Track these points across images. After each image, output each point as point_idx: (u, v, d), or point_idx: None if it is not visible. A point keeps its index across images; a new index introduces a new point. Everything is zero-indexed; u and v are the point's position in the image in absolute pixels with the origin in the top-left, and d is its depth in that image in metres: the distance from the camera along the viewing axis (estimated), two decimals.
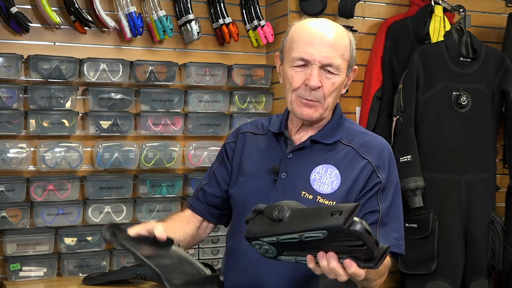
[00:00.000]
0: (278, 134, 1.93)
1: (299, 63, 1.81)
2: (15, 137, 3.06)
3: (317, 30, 1.82)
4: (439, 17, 3.50)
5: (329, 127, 1.90)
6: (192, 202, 2.05)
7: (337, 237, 1.41)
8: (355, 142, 1.88)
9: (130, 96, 3.24)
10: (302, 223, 1.44)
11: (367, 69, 3.60)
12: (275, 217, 1.49)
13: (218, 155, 2.07)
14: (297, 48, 1.81)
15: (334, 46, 1.81)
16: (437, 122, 3.38)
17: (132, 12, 3.18)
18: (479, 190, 3.40)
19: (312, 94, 1.80)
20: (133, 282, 2.92)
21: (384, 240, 1.77)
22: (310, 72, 1.79)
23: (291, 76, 1.82)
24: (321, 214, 1.42)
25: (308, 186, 1.82)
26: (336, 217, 1.38)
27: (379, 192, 1.83)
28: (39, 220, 3.05)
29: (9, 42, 3.10)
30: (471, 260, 3.36)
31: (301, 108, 1.83)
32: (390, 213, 1.85)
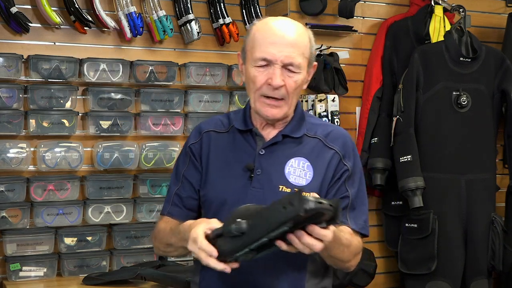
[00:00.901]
0: (244, 131, 1.94)
1: (262, 63, 1.83)
2: (15, 137, 3.06)
3: (278, 29, 1.83)
4: (439, 17, 3.50)
5: (295, 121, 1.94)
6: (169, 209, 1.99)
7: (299, 221, 1.49)
8: (319, 134, 1.93)
9: (130, 96, 3.24)
10: (264, 226, 1.50)
11: (367, 69, 3.60)
12: (236, 233, 1.54)
13: (182, 157, 2.02)
14: (259, 48, 1.82)
15: (295, 45, 1.83)
16: (437, 122, 3.38)
17: (132, 12, 3.18)
18: (479, 190, 3.40)
19: (276, 92, 1.83)
20: (133, 282, 2.92)
21: (355, 223, 1.88)
22: (273, 71, 1.81)
23: (254, 76, 1.84)
24: (276, 212, 1.48)
25: (284, 180, 1.86)
26: (291, 209, 1.45)
27: (347, 179, 1.91)
28: (39, 220, 3.05)
29: (9, 42, 3.10)
30: (471, 260, 3.36)
31: (266, 109, 1.85)
32: (358, 198, 1.93)
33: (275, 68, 1.81)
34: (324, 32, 3.46)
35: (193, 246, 1.64)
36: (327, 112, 3.36)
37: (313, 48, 1.90)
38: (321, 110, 3.36)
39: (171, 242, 1.87)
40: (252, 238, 1.52)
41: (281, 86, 1.82)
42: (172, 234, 1.87)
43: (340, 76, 3.45)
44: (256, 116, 1.92)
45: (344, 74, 3.46)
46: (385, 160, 3.43)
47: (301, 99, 3.42)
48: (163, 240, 1.93)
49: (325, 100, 3.36)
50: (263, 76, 1.82)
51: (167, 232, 1.91)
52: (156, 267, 3.02)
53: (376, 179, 3.44)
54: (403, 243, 3.41)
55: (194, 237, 1.64)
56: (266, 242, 1.53)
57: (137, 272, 2.90)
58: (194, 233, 1.65)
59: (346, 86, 3.47)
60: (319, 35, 3.46)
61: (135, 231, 3.22)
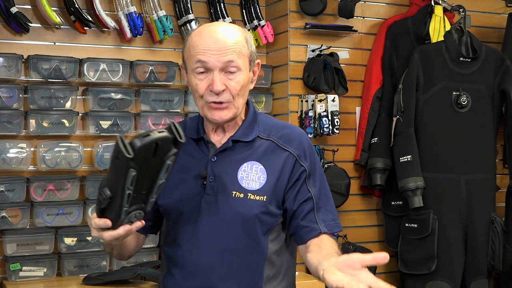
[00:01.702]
0: (197, 140, 1.92)
1: (200, 70, 1.82)
2: (15, 137, 3.06)
3: (210, 35, 1.82)
4: (439, 17, 3.50)
5: (246, 124, 1.92)
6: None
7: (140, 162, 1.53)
8: (273, 135, 1.92)
9: (130, 96, 3.24)
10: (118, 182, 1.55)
11: (367, 69, 3.61)
12: (106, 201, 1.60)
13: None
14: (195, 56, 1.81)
15: (229, 47, 1.82)
16: (437, 122, 3.38)
17: (132, 12, 3.18)
18: (479, 190, 3.40)
19: (220, 97, 1.82)
20: (133, 282, 2.92)
21: (323, 223, 1.87)
22: (212, 77, 1.81)
23: (195, 85, 1.83)
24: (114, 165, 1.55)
25: (237, 185, 1.86)
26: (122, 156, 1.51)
27: (306, 179, 1.90)
28: (39, 220, 3.05)
29: (9, 42, 3.10)
30: (471, 260, 3.36)
31: (212, 112, 1.84)
32: (321, 196, 1.92)
33: (214, 73, 1.80)
34: (324, 32, 3.47)
35: (94, 231, 1.70)
36: (327, 112, 3.36)
37: (251, 46, 1.88)
38: (321, 110, 3.36)
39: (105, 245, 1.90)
40: (120, 196, 1.57)
41: (223, 91, 1.81)
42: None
43: (340, 76, 3.46)
44: (207, 122, 1.91)
45: (344, 74, 3.46)
46: (385, 160, 3.43)
47: (301, 99, 3.43)
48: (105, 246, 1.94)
49: (325, 100, 3.36)
50: (204, 83, 1.81)
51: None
52: (156, 267, 3.02)
53: (376, 179, 3.44)
54: (403, 243, 3.41)
55: (89, 224, 1.70)
56: (134, 195, 1.57)
57: (137, 272, 2.90)
58: (88, 222, 1.71)
59: (346, 86, 3.47)
60: (319, 35, 3.47)
61: None
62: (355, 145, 3.58)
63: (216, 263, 1.85)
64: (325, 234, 1.87)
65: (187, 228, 1.86)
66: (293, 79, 3.44)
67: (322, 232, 1.87)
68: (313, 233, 1.87)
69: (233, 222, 1.84)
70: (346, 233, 3.48)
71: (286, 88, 3.45)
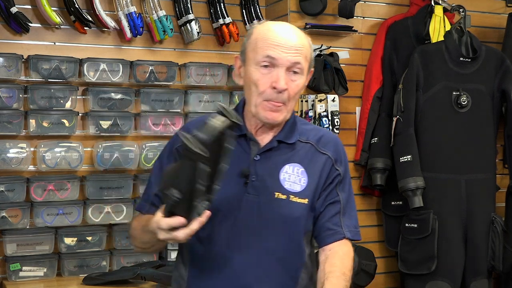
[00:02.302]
0: (239, 136, 1.89)
1: (266, 62, 1.80)
2: (15, 137, 3.06)
3: (282, 32, 1.83)
4: (439, 17, 3.50)
5: (288, 126, 1.93)
6: (147, 208, 1.93)
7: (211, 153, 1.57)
8: (311, 139, 1.93)
9: (130, 96, 3.24)
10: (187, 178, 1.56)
11: (367, 69, 3.60)
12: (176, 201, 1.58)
13: (166, 158, 1.96)
14: (264, 49, 1.81)
15: (299, 48, 1.83)
16: (437, 122, 3.38)
17: (132, 12, 3.18)
18: (479, 190, 3.40)
19: (279, 96, 1.81)
20: (133, 282, 2.92)
21: (347, 228, 1.90)
22: (277, 74, 1.80)
23: (257, 79, 1.81)
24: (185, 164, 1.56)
25: (280, 186, 1.86)
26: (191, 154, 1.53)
27: (338, 184, 1.93)
28: (39, 220, 3.05)
29: (9, 42, 3.10)
30: (471, 260, 3.36)
31: (267, 112, 1.83)
32: (348, 203, 1.95)
33: (279, 70, 1.80)
34: (324, 32, 3.46)
35: (161, 234, 1.65)
36: (327, 112, 3.35)
37: (312, 53, 1.90)
38: (321, 110, 3.36)
39: (146, 240, 1.85)
40: (190, 192, 1.57)
41: (285, 90, 1.80)
42: (144, 232, 1.83)
43: (340, 76, 3.46)
44: (251, 120, 1.90)
45: (344, 74, 3.46)
46: (385, 160, 3.43)
47: (301, 99, 3.42)
48: (137, 238, 1.90)
49: (325, 100, 3.36)
50: (267, 79, 1.80)
51: (139, 230, 1.88)
52: (156, 267, 3.02)
53: (376, 179, 3.44)
54: (403, 243, 3.41)
55: (157, 226, 1.64)
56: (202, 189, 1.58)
57: (137, 272, 2.90)
58: (155, 223, 1.65)
59: (346, 86, 3.47)
60: (319, 35, 3.47)
61: None
62: (355, 145, 3.58)
63: (254, 264, 1.83)
64: (347, 239, 1.90)
65: (225, 226, 1.83)
66: None
67: (346, 237, 1.89)
68: (336, 236, 1.89)
69: (275, 224, 1.84)
70: None
71: None
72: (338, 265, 1.84)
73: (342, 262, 1.85)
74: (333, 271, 1.81)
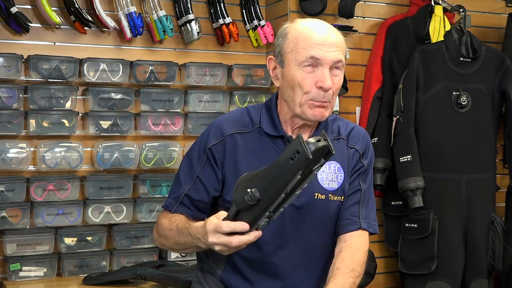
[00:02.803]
0: (274, 136, 1.91)
1: (309, 62, 1.81)
2: (15, 137, 3.06)
3: (322, 31, 1.84)
4: (439, 17, 3.50)
5: (323, 125, 1.94)
6: (177, 207, 1.93)
7: (309, 165, 1.53)
8: (342, 133, 1.96)
9: (130, 96, 3.24)
10: (278, 183, 1.53)
11: (367, 69, 3.60)
12: (252, 202, 1.54)
13: (196, 156, 1.94)
14: (306, 49, 1.81)
15: (339, 45, 1.86)
16: (437, 122, 3.38)
17: (132, 12, 3.18)
18: (479, 190, 3.40)
19: (326, 95, 1.82)
20: (133, 282, 2.92)
21: (364, 219, 1.92)
22: (321, 73, 1.81)
23: (301, 79, 1.81)
24: (286, 166, 1.52)
25: (318, 186, 1.88)
26: (299, 157, 1.49)
27: (361, 174, 1.95)
28: (39, 220, 3.05)
29: (9, 42, 3.10)
30: (471, 260, 3.36)
31: (314, 110, 1.83)
32: (368, 194, 1.98)
33: (323, 69, 1.81)
34: None
35: (215, 237, 1.61)
36: None
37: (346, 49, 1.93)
38: None
39: (181, 242, 1.83)
40: (271, 199, 1.53)
41: (330, 88, 1.82)
42: (181, 234, 1.81)
43: None
44: (288, 121, 1.90)
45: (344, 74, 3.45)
46: (385, 160, 3.43)
47: None
48: (170, 238, 1.88)
49: None
50: (311, 79, 1.81)
51: (174, 231, 1.85)
52: (156, 267, 3.02)
53: (376, 179, 3.44)
54: (403, 243, 3.41)
55: (214, 228, 1.61)
56: (281, 201, 1.55)
57: (137, 272, 2.90)
58: (211, 225, 1.62)
59: (346, 86, 3.47)
60: None
61: (135, 231, 3.22)
62: None
63: (301, 264, 1.85)
64: (364, 230, 1.91)
65: (269, 230, 1.80)
66: None
67: (362, 228, 1.90)
68: (352, 226, 1.90)
69: (317, 224, 1.86)
70: None
71: None
72: (348, 260, 1.84)
73: (352, 257, 1.85)
74: (341, 267, 1.82)
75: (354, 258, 1.85)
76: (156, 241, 1.99)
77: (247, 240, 1.60)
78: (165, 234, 1.90)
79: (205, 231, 1.65)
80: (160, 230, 1.93)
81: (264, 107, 1.95)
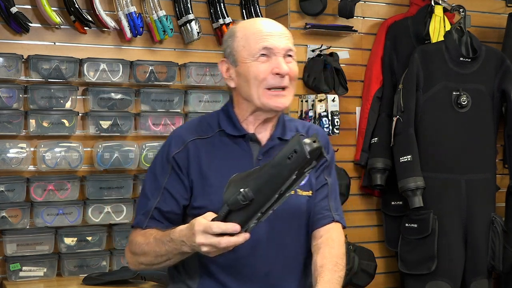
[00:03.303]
0: (236, 137, 1.89)
1: (263, 52, 1.83)
2: (15, 137, 3.06)
3: (268, 23, 1.89)
4: (439, 17, 3.50)
5: (281, 122, 1.95)
6: (148, 223, 1.86)
7: (304, 165, 1.52)
8: (301, 131, 1.97)
9: (130, 96, 3.24)
10: (273, 183, 1.51)
11: (367, 69, 3.60)
12: (245, 202, 1.52)
13: (160, 167, 1.89)
14: (257, 42, 1.83)
15: (288, 35, 1.89)
16: (437, 122, 3.38)
17: (132, 12, 3.18)
18: (479, 190, 3.40)
19: (283, 80, 1.84)
20: (133, 282, 2.92)
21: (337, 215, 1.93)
22: (276, 61, 1.83)
23: (256, 70, 1.83)
24: (282, 166, 1.50)
25: None
26: (297, 156, 1.48)
27: (325, 169, 1.96)
28: (39, 220, 3.05)
29: (9, 42, 3.10)
30: (471, 260, 3.36)
31: (273, 100, 1.84)
32: (335, 187, 1.98)
33: (277, 57, 1.83)
34: (324, 32, 3.46)
35: (204, 238, 1.58)
36: (327, 112, 3.35)
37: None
38: (321, 110, 3.36)
39: (162, 253, 1.77)
40: (264, 199, 1.52)
41: (287, 73, 1.83)
42: (161, 244, 1.76)
43: (340, 76, 3.46)
44: (249, 119, 1.90)
45: (344, 74, 3.46)
46: (385, 160, 3.43)
47: (301, 99, 3.42)
48: (149, 253, 1.81)
49: (325, 100, 3.36)
50: (266, 67, 1.83)
51: (152, 243, 1.79)
52: None
53: (376, 179, 3.44)
54: (403, 243, 3.41)
55: (203, 229, 1.58)
56: (273, 201, 1.53)
57: (137, 272, 2.90)
58: (200, 226, 1.60)
59: (346, 86, 3.48)
60: (319, 35, 3.47)
61: None
62: (355, 145, 3.58)
63: (277, 263, 1.84)
64: (337, 222, 1.91)
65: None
66: None
67: (335, 220, 1.91)
68: (325, 220, 1.90)
69: (288, 221, 1.84)
70: (346, 233, 3.45)
71: None
72: (328, 256, 1.83)
73: (331, 252, 1.85)
74: (324, 264, 1.81)
75: (334, 252, 1.85)
76: (131, 262, 1.92)
77: (236, 242, 1.58)
78: (142, 251, 1.83)
79: (193, 232, 1.61)
80: (136, 248, 1.86)
81: (221, 112, 1.97)
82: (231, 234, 1.57)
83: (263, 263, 1.83)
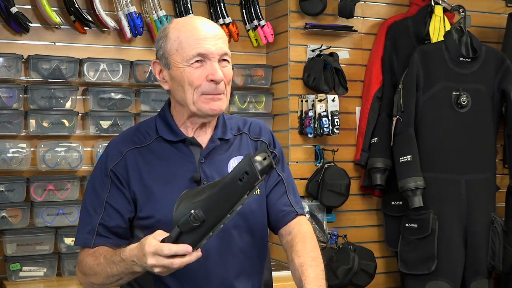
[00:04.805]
0: (174, 142, 1.85)
1: (197, 58, 1.77)
2: (15, 137, 3.06)
3: (201, 26, 1.80)
4: (439, 17, 3.50)
5: (221, 122, 1.91)
6: (95, 240, 1.79)
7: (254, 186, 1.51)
8: (242, 129, 1.93)
9: (130, 96, 3.24)
10: (226, 204, 1.49)
11: (367, 69, 3.60)
12: (196, 224, 1.50)
13: (100, 183, 1.83)
14: (191, 47, 1.77)
15: (222, 37, 1.83)
16: (437, 122, 3.38)
17: (132, 12, 3.18)
18: (479, 190, 3.40)
19: (218, 87, 1.79)
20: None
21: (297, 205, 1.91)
22: (211, 66, 1.78)
23: (191, 76, 1.77)
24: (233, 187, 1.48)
25: None
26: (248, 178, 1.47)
27: (276, 165, 1.91)
28: (39, 220, 3.05)
29: (9, 42, 3.10)
30: (471, 260, 3.36)
31: (210, 104, 1.79)
32: (291, 181, 1.95)
33: (212, 62, 1.78)
34: (324, 32, 3.47)
35: (155, 260, 1.54)
36: (327, 112, 3.35)
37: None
38: (321, 110, 3.36)
39: (113, 273, 1.71)
40: (216, 219, 1.50)
41: (222, 80, 1.79)
42: (112, 264, 1.70)
43: (340, 76, 3.46)
44: (187, 122, 1.85)
45: (344, 74, 3.46)
46: (385, 160, 3.43)
47: (301, 99, 3.42)
48: (101, 273, 1.74)
49: (325, 100, 3.36)
50: (201, 73, 1.77)
51: (103, 264, 1.73)
52: None
53: (376, 179, 3.44)
54: (403, 243, 3.41)
55: (154, 250, 1.54)
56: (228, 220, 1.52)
57: None
58: (151, 247, 1.55)
59: (346, 86, 3.47)
60: (319, 35, 3.47)
61: None
62: (355, 145, 3.58)
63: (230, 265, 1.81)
64: (300, 216, 1.90)
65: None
66: (293, 79, 3.43)
67: (299, 214, 1.89)
68: (289, 216, 1.88)
69: (239, 222, 1.81)
70: (346, 233, 3.47)
71: (286, 88, 3.45)
72: (303, 252, 1.81)
73: (305, 247, 1.82)
74: (303, 262, 1.78)
75: (307, 246, 1.82)
76: (83, 283, 1.86)
77: (189, 261, 1.54)
78: (93, 271, 1.77)
79: (143, 253, 1.56)
80: (86, 269, 1.80)
81: (158, 117, 1.91)
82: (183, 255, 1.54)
83: (217, 267, 1.80)
